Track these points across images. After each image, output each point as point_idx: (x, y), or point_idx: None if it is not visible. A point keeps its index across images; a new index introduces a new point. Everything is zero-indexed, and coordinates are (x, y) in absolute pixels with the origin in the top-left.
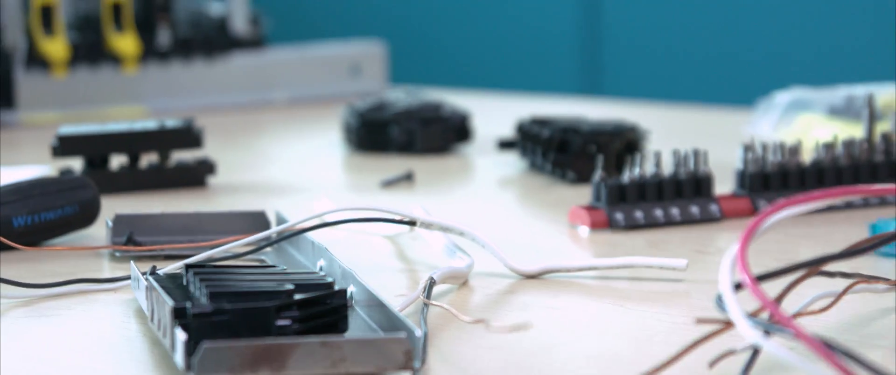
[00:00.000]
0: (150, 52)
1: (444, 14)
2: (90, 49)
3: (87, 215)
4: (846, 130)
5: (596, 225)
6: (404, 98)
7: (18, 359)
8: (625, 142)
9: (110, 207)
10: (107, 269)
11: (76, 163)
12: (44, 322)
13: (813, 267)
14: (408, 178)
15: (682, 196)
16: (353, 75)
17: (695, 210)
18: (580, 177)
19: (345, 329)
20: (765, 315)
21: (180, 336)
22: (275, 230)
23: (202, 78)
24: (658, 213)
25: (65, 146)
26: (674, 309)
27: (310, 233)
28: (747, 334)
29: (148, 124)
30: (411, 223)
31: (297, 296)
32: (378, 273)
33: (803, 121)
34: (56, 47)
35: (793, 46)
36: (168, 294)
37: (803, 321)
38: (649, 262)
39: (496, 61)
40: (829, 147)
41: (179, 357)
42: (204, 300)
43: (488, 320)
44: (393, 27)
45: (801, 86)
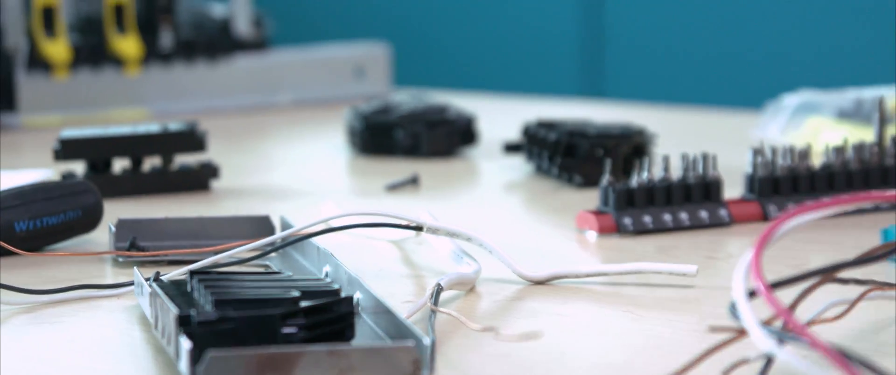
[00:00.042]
0: (152, 54)
1: (445, 16)
2: (92, 51)
3: (89, 220)
4: (855, 134)
5: (604, 230)
6: (409, 101)
7: (20, 367)
8: (632, 145)
9: (113, 211)
10: (110, 275)
11: (78, 167)
12: (46, 329)
13: (827, 275)
14: (413, 182)
15: (691, 200)
16: (357, 77)
17: (704, 214)
18: (587, 181)
19: (351, 336)
20: (778, 324)
21: (185, 344)
22: (280, 235)
23: (205, 80)
24: (667, 218)
25: (67, 149)
26: (684, 315)
27: (315, 239)
28: (761, 343)
29: (151, 127)
30: (418, 228)
31: (303, 303)
32: (384, 278)
33: (812, 125)
34: (58, 49)
35: (800, 48)
36: (172, 301)
37: (817, 329)
38: (659, 268)
39: (497, 63)
40: (839, 151)
41: (184, 365)
42: (209, 307)
43: (498, 328)
44: (395, 29)
45: (810, 88)
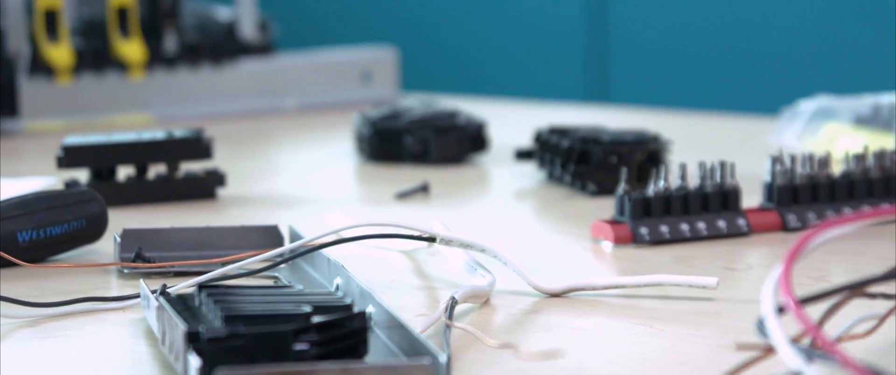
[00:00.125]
0: (156, 59)
1: (450, 20)
2: (95, 55)
3: (94, 230)
4: (873, 140)
5: (620, 241)
6: (418, 106)
7: None
8: (647, 152)
9: (117, 220)
10: (115, 287)
11: (82, 175)
12: (49, 343)
13: (856, 290)
14: (423, 190)
15: (709, 209)
16: (364, 82)
17: (722, 224)
18: (601, 189)
19: (365, 352)
20: (806, 341)
21: (194, 361)
22: (289, 246)
23: (210, 85)
24: (684, 228)
25: (70, 157)
26: (705, 329)
27: (325, 249)
28: (791, 361)
29: (156, 134)
30: (431, 239)
31: (315, 319)
32: (396, 290)
33: (829, 131)
34: (60, 53)
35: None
36: (180, 316)
37: (846, 345)
38: (678, 281)
39: (502, 66)
40: (859, 158)
41: None
42: (218, 323)
43: (516, 345)
44: (398, 33)
45: (826, 93)
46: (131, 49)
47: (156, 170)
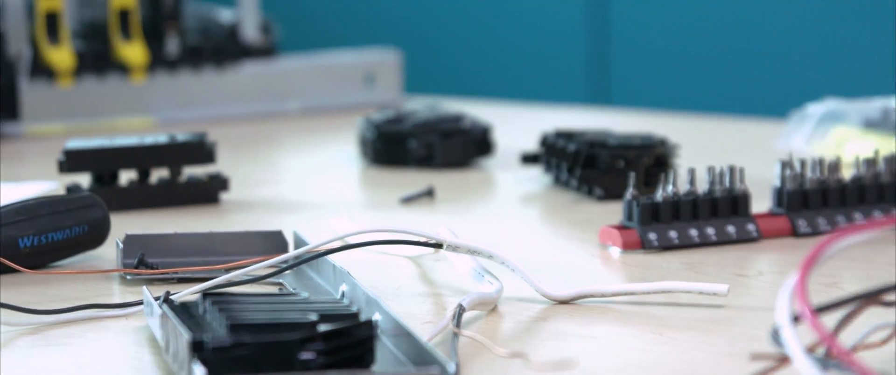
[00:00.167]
0: (158, 61)
1: (452, 22)
2: (97, 58)
3: (96, 235)
4: (883, 144)
5: (628, 246)
6: (423, 110)
7: None
8: (654, 156)
9: (119, 225)
10: (117, 294)
11: (83, 179)
12: (51, 351)
13: (871, 298)
14: (429, 194)
15: (718, 215)
16: (368, 84)
17: (731, 229)
18: (608, 194)
19: (372, 362)
20: (821, 350)
21: (199, 371)
22: (294, 253)
23: (212, 87)
24: (693, 233)
25: (72, 161)
26: (716, 337)
27: (331, 255)
28: (807, 372)
29: (158, 138)
30: (437, 245)
31: (321, 328)
32: (402, 297)
33: (837, 134)
34: (61, 56)
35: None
36: (184, 324)
37: (861, 355)
38: (689, 287)
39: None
40: (870, 163)
41: None
42: (223, 332)
43: (526, 354)
44: (399, 35)
45: (834, 97)
46: (133, 51)
47: (158, 174)
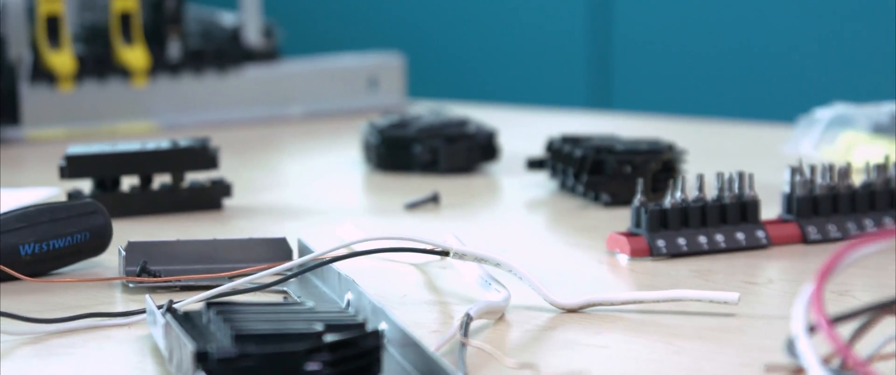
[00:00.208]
0: (159, 65)
1: (453, 26)
2: (98, 62)
3: (98, 243)
4: (892, 149)
5: (636, 253)
6: (427, 114)
7: None
8: (662, 162)
9: (121, 232)
10: (119, 302)
11: (85, 185)
12: (52, 361)
13: (887, 308)
14: (434, 200)
15: (727, 221)
16: (371, 88)
17: (741, 236)
18: (615, 200)
19: (378, 372)
20: (837, 361)
21: None
22: (299, 260)
23: (214, 91)
24: (702, 240)
25: (73, 167)
26: (727, 347)
27: (336, 263)
28: None
29: (161, 144)
30: (444, 253)
31: (327, 338)
32: (408, 306)
33: (846, 139)
34: (62, 60)
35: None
36: (188, 333)
37: (877, 366)
38: (699, 296)
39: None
40: (881, 168)
41: None
42: (227, 342)
43: (535, 365)
44: (402, 39)
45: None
46: (134, 55)
47: (160, 180)
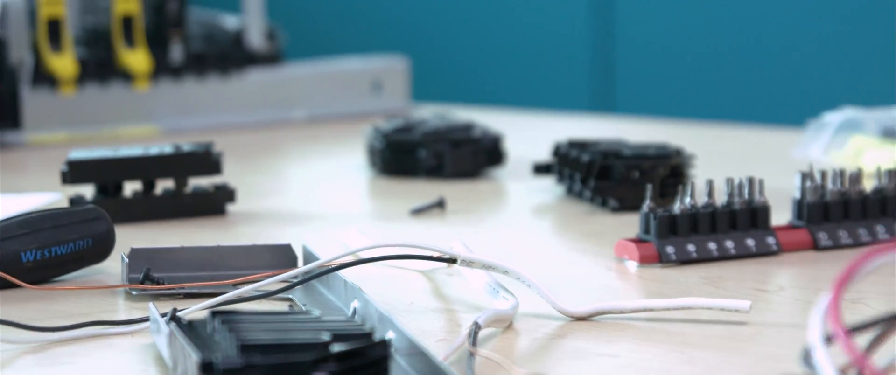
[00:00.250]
0: (162, 68)
1: (457, 29)
2: (99, 65)
3: (100, 249)
4: None
5: (645, 260)
6: (432, 119)
7: None
8: (670, 167)
9: (124, 238)
10: (122, 310)
11: (87, 190)
12: (54, 371)
13: None
14: (439, 206)
15: (737, 227)
16: (375, 92)
17: (751, 243)
18: (623, 206)
19: None
20: (854, 372)
21: None
22: (304, 268)
23: (217, 95)
24: (712, 246)
25: (75, 172)
26: (740, 356)
27: (342, 270)
28: None
29: (163, 148)
30: (451, 260)
31: (334, 348)
32: (415, 314)
33: (855, 144)
34: (64, 63)
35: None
36: (192, 343)
37: None
38: (710, 304)
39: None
40: (892, 174)
41: None
42: (233, 352)
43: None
44: (406, 42)
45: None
46: (136, 59)
47: (163, 185)
